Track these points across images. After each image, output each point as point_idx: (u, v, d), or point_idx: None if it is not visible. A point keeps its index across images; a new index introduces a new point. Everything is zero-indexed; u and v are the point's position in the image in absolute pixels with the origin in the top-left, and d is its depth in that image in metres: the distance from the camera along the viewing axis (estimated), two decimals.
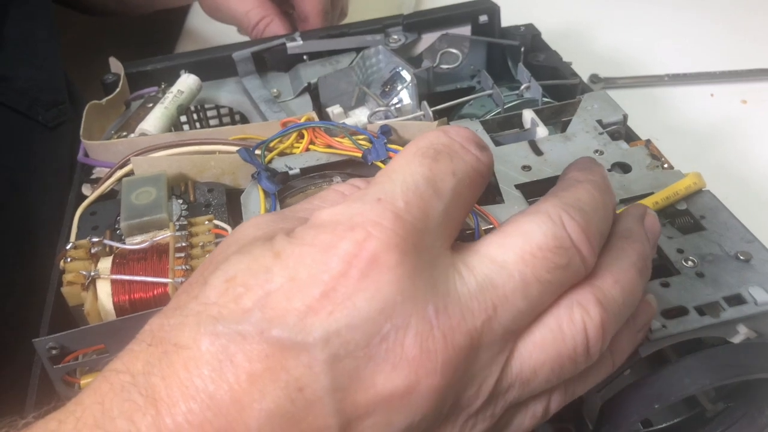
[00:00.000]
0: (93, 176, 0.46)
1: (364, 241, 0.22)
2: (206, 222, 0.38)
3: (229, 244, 0.26)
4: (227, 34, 0.67)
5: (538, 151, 0.41)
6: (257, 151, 0.41)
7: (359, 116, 0.51)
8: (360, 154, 0.41)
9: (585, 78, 0.59)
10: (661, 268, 0.34)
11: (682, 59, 0.71)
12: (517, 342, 0.24)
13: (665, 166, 0.40)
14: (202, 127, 0.56)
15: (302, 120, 0.44)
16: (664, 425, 0.38)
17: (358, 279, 0.22)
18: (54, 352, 0.33)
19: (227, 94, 0.53)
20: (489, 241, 0.25)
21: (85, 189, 0.45)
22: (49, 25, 0.62)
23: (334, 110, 0.50)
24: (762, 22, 0.76)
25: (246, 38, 0.63)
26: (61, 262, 0.36)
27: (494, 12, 0.56)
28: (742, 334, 0.32)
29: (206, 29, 0.80)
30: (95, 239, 0.37)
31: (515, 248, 0.24)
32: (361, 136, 0.42)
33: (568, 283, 0.25)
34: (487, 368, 0.24)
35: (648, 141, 0.43)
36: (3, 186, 0.53)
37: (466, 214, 0.26)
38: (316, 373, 0.21)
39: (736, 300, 0.32)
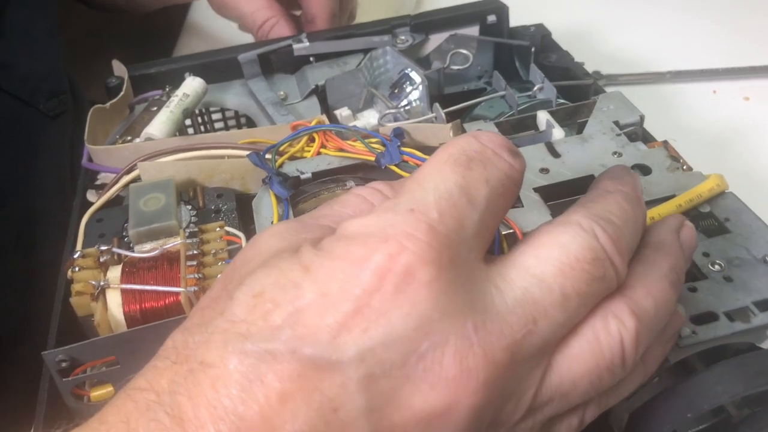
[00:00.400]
0: (98, 182, 0.45)
1: (398, 255, 0.21)
2: (217, 228, 0.37)
3: (251, 255, 0.25)
4: (229, 32, 0.66)
5: (555, 154, 0.40)
6: (267, 156, 0.40)
7: (368, 118, 0.50)
8: (373, 158, 0.40)
9: None
10: (688, 273, 0.33)
11: (684, 56, 0.70)
12: (554, 354, 0.24)
13: (684, 167, 0.40)
14: (207, 130, 0.55)
15: (313, 123, 0.43)
16: None
17: (392, 294, 0.21)
18: (64, 364, 0.32)
19: (233, 96, 0.52)
20: (524, 251, 0.24)
21: (90, 195, 0.43)
22: (50, 16, 0.62)
23: (342, 113, 0.49)
24: (764, 20, 0.75)
25: (248, 37, 0.62)
26: (69, 272, 0.35)
27: (503, 12, 0.56)
28: None
29: (207, 27, 0.79)
30: (104, 247, 0.36)
31: (553, 260, 0.23)
32: (373, 140, 0.41)
33: (602, 294, 0.24)
34: (526, 383, 0.23)
35: (666, 142, 0.42)
36: (5, 175, 0.53)
37: (498, 224, 0.25)
38: (350, 393, 0.20)
39: (766, 305, 0.31)
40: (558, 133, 0.42)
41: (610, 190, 0.27)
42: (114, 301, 0.33)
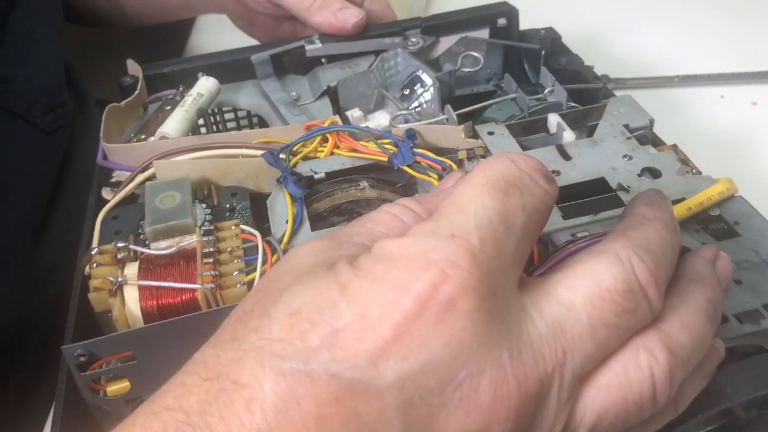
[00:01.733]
0: (113, 179, 0.45)
1: (442, 284, 0.21)
2: (233, 227, 0.37)
3: (285, 270, 0.24)
4: (238, 32, 0.67)
5: (566, 156, 0.41)
6: (282, 155, 0.41)
7: (379, 119, 0.50)
8: (386, 158, 0.41)
9: None
10: None
11: (691, 61, 0.71)
12: (583, 385, 0.24)
13: (694, 171, 0.40)
14: (219, 130, 0.55)
15: (326, 124, 0.44)
16: None
17: (433, 323, 0.21)
18: (82, 359, 0.32)
19: (246, 97, 0.53)
20: (557, 280, 0.24)
21: (105, 192, 0.44)
22: (55, 20, 0.60)
23: (353, 113, 0.50)
24: None
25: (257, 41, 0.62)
26: (87, 268, 0.36)
27: (513, 15, 0.56)
28: None
29: (217, 27, 0.79)
30: (120, 244, 0.36)
31: (583, 290, 0.23)
32: (386, 140, 0.42)
33: (635, 327, 0.24)
34: (555, 413, 0.23)
35: (675, 146, 0.42)
36: None
37: (531, 249, 0.25)
38: (388, 419, 0.20)
39: None
40: (569, 135, 0.43)
41: (648, 218, 0.27)
42: (131, 297, 0.34)
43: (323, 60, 0.54)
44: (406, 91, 0.52)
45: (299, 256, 0.25)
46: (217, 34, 0.78)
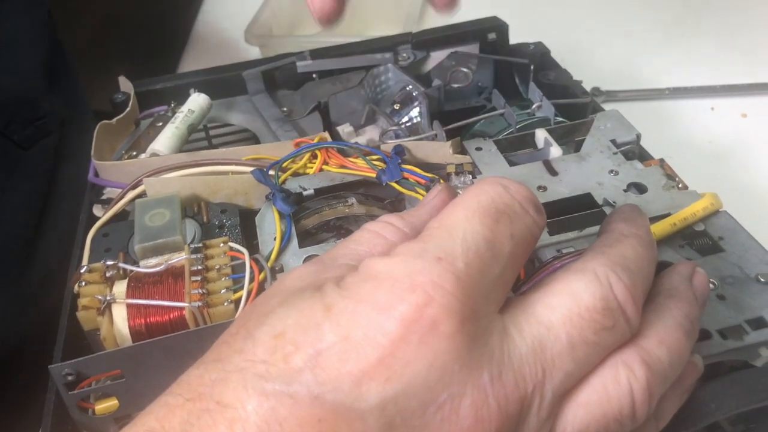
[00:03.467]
0: (104, 197, 0.45)
1: (425, 306, 0.21)
2: (221, 244, 0.38)
3: (271, 294, 0.25)
4: (233, 48, 0.67)
5: (552, 171, 0.41)
6: (271, 172, 0.41)
7: (369, 135, 0.51)
8: (374, 174, 0.41)
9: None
10: None
11: (682, 73, 0.71)
12: (563, 403, 0.24)
13: (680, 186, 0.40)
14: (210, 145, 0.55)
15: (315, 140, 0.44)
16: None
17: (416, 345, 0.21)
18: (70, 378, 0.32)
19: (237, 113, 0.53)
20: (535, 299, 0.24)
21: (96, 210, 0.44)
22: (38, 20, 0.58)
23: (344, 129, 0.50)
24: (761, 37, 0.76)
25: (252, 54, 0.63)
26: (76, 286, 0.36)
27: (503, 30, 0.57)
28: (764, 357, 0.32)
29: (212, 42, 0.80)
30: (110, 262, 0.36)
31: (562, 309, 0.24)
32: (374, 156, 0.42)
33: (613, 344, 0.24)
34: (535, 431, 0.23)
35: (662, 160, 0.43)
36: None
37: (516, 276, 0.25)
38: None
39: (759, 323, 0.32)
40: (556, 151, 0.43)
41: (625, 234, 0.27)
42: (120, 315, 0.34)
43: (314, 75, 0.54)
44: (397, 107, 0.52)
45: (286, 281, 0.25)
46: (209, 53, 0.78)
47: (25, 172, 0.54)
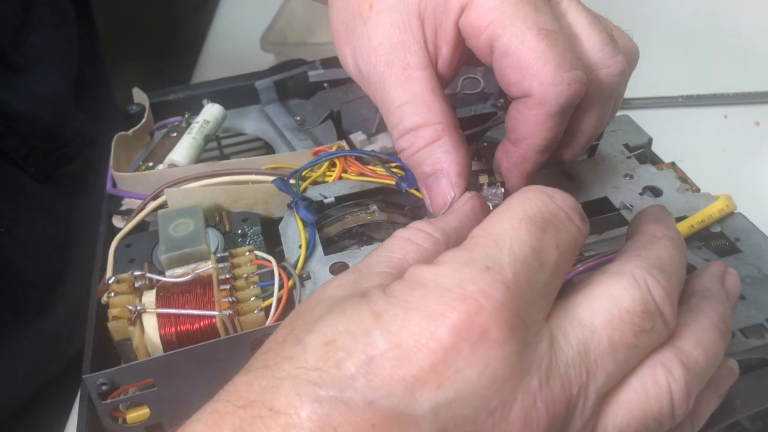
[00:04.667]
0: (122, 207, 0.46)
1: (476, 315, 0.22)
2: (247, 253, 0.38)
3: (315, 303, 0.25)
4: (246, 59, 0.67)
5: (569, 177, 0.42)
6: (291, 181, 0.42)
7: (382, 142, 0.51)
8: (393, 182, 0.42)
9: None
10: None
11: (695, 81, 0.72)
12: (604, 403, 0.24)
13: (693, 189, 0.41)
14: (222, 155, 0.56)
15: (333, 149, 0.45)
16: None
17: (468, 353, 0.21)
18: (104, 387, 0.33)
19: (251, 122, 0.53)
20: (577, 303, 0.25)
21: (116, 221, 0.44)
22: (66, 42, 0.55)
23: (357, 137, 0.51)
24: None
25: (265, 63, 0.63)
26: (105, 296, 0.36)
27: None
28: None
29: (226, 49, 0.79)
30: (137, 273, 0.37)
31: (604, 312, 0.24)
32: (393, 164, 0.43)
33: (652, 345, 0.25)
34: (579, 431, 0.24)
35: (673, 163, 0.44)
36: None
37: (561, 283, 0.26)
38: None
39: None
40: None
41: (658, 236, 0.28)
42: (150, 325, 0.34)
43: (325, 84, 0.55)
44: None
45: (328, 290, 0.26)
46: (224, 60, 0.79)
47: (42, 204, 0.52)
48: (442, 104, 0.33)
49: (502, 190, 0.36)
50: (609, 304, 0.24)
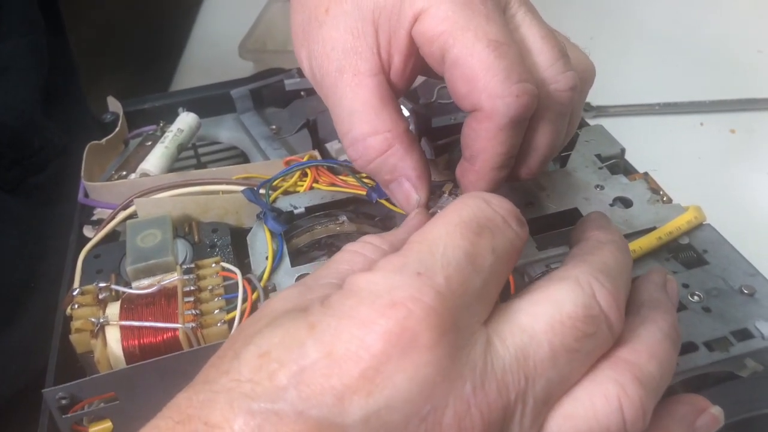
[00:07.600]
0: (94, 217, 0.45)
1: (405, 320, 0.22)
2: (213, 264, 0.38)
3: (259, 317, 0.25)
4: (225, 67, 0.67)
5: (540, 187, 0.42)
6: (261, 191, 0.41)
7: None
8: (364, 192, 0.41)
9: None
10: None
11: (672, 89, 0.72)
12: (548, 413, 0.24)
13: (665, 199, 0.41)
14: (199, 163, 0.56)
15: (305, 159, 0.44)
16: None
17: (398, 359, 0.21)
18: (64, 401, 0.32)
19: (226, 131, 0.53)
20: (518, 308, 0.25)
21: (87, 231, 0.44)
22: (34, 48, 0.54)
23: (333, 146, 0.51)
24: (749, 54, 0.78)
25: (244, 71, 0.63)
26: (68, 309, 0.36)
27: None
28: (749, 368, 0.33)
29: (206, 56, 0.79)
30: (102, 284, 0.36)
31: (545, 317, 0.24)
32: (364, 174, 0.43)
33: (596, 351, 0.24)
34: None
35: (646, 174, 0.44)
36: None
37: (500, 289, 0.25)
38: None
39: (744, 334, 0.33)
40: None
41: (602, 241, 0.27)
42: (113, 337, 0.34)
43: (302, 93, 0.55)
44: None
45: (272, 303, 0.26)
46: (203, 68, 0.79)
47: (10, 214, 0.51)
48: (391, 112, 0.33)
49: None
50: (551, 308, 0.24)
